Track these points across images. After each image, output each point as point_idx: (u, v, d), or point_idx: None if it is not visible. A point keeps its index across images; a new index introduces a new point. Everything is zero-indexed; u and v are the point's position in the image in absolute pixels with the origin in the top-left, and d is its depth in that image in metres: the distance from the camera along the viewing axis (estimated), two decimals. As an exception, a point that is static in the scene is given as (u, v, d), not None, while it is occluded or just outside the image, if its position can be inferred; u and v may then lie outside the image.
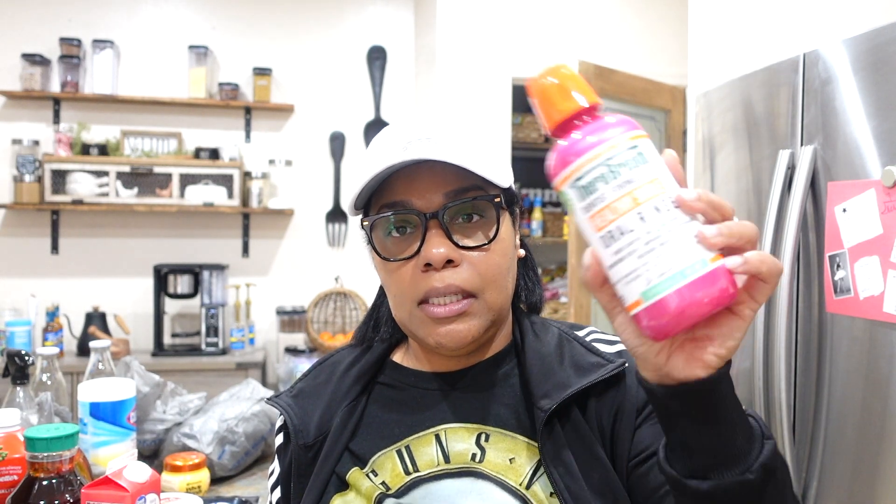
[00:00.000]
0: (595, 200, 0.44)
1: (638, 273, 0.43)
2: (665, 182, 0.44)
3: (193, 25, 3.42)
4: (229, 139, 3.40)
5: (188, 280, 3.17)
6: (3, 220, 3.24)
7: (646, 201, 0.43)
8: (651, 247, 0.42)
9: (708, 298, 0.42)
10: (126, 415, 1.18)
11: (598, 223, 0.44)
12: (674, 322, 0.42)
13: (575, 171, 0.45)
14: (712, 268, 0.43)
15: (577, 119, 0.47)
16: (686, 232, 0.43)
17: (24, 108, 3.25)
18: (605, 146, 0.44)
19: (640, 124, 0.47)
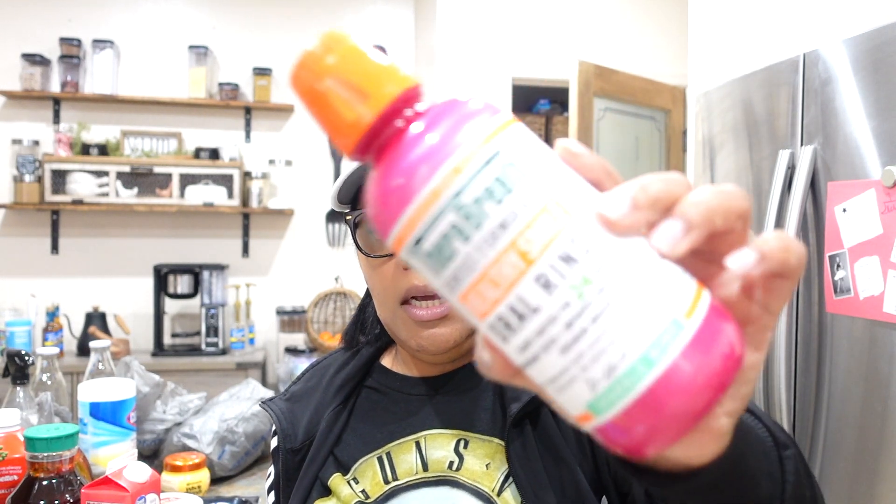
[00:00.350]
0: (458, 272, 0.27)
1: (572, 376, 0.26)
2: (568, 199, 0.27)
3: (193, 25, 3.42)
4: (229, 139, 3.40)
5: (188, 280, 3.17)
6: (4, 220, 3.24)
7: (545, 251, 0.26)
8: (579, 328, 0.26)
9: (705, 383, 0.26)
10: (126, 415, 1.18)
11: (478, 306, 0.27)
12: (656, 440, 0.27)
13: (407, 229, 0.27)
14: (696, 324, 0.26)
15: (385, 127, 0.28)
16: (630, 278, 0.26)
17: (25, 108, 3.25)
18: (445, 173, 0.26)
19: (497, 106, 0.29)
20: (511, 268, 0.26)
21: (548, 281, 0.26)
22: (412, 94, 0.29)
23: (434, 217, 0.27)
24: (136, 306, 3.32)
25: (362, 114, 0.28)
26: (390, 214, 0.28)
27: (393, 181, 0.28)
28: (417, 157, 0.27)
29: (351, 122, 0.28)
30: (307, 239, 3.53)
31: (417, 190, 0.27)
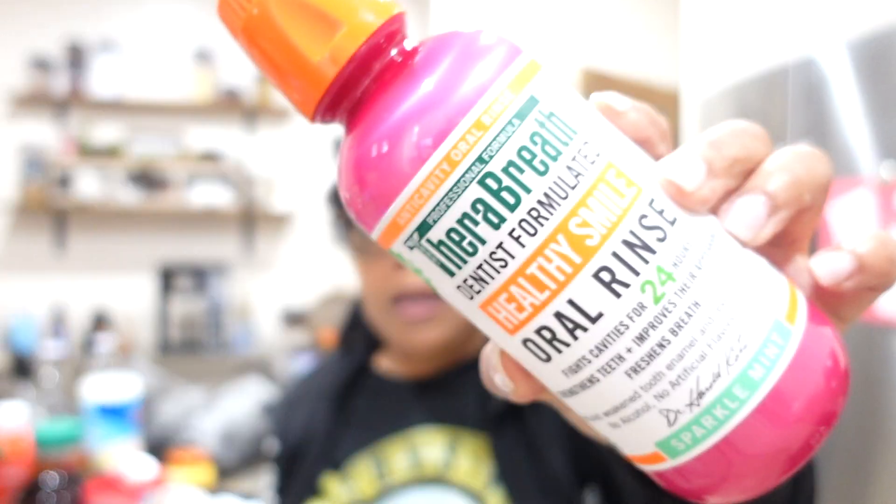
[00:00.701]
0: (481, 271, 0.20)
1: (641, 406, 0.20)
2: (628, 166, 0.20)
3: (197, 28, 3.44)
4: (233, 141, 3.42)
5: (192, 280, 3.19)
6: (10, 221, 3.26)
7: (609, 236, 0.19)
8: (656, 340, 0.19)
9: (817, 411, 0.20)
10: (131, 413, 1.20)
11: (508, 316, 0.20)
12: (747, 486, 0.21)
13: (405, 213, 0.20)
14: (800, 329, 0.20)
15: (363, 72, 0.21)
16: (718, 270, 0.20)
17: (31, 110, 3.27)
18: (463, 130, 0.19)
19: (517, 41, 0.22)
20: (561, 260, 0.19)
21: (614, 277, 0.19)
22: (396, 27, 0.21)
23: (449, 192, 0.19)
24: (141, 306, 3.34)
25: (331, 54, 0.20)
26: (380, 195, 0.20)
27: (381, 145, 0.20)
28: (418, 109, 0.20)
29: (311, 71, 0.20)
30: (310, 239, 3.55)
31: (421, 156, 0.19)
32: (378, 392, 0.73)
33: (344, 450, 0.69)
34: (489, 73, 0.20)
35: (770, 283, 0.21)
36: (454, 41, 0.21)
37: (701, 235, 0.20)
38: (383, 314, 0.67)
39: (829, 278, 0.21)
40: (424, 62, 0.21)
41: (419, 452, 0.66)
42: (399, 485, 0.65)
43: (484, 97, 0.19)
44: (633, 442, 0.21)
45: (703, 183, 0.20)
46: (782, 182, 0.21)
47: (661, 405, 0.20)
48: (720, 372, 0.19)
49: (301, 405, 0.76)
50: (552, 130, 0.19)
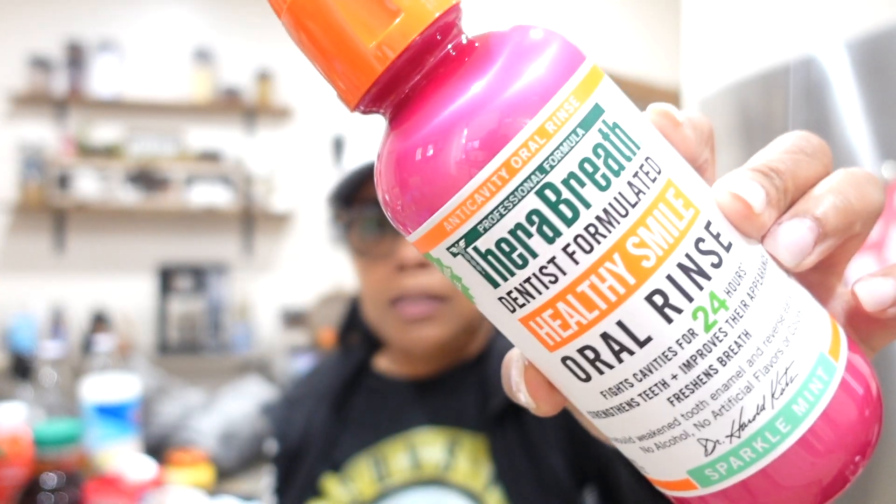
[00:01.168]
0: (529, 284, 0.19)
1: (679, 433, 0.19)
2: (687, 185, 0.20)
3: (197, 28, 3.44)
4: (232, 140, 3.42)
5: (191, 280, 3.19)
6: (9, 220, 3.26)
7: (665, 259, 0.19)
8: (703, 368, 0.19)
9: (855, 445, 0.20)
10: (130, 413, 1.20)
11: (551, 332, 0.19)
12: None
13: (453, 219, 0.19)
14: (843, 363, 0.20)
15: (417, 63, 0.20)
16: (769, 300, 0.19)
17: (30, 109, 3.27)
18: (525, 137, 0.18)
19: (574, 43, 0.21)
20: (615, 280, 0.18)
21: (667, 301, 0.18)
22: (452, 20, 0.20)
23: (504, 201, 0.18)
24: (140, 306, 3.34)
25: (385, 41, 0.19)
26: (425, 197, 0.19)
27: (432, 148, 0.18)
28: (476, 110, 0.18)
29: (361, 58, 0.19)
30: (309, 239, 3.55)
31: (481, 160, 0.18)
32: (377, 392, 0.73)
33: (343, 450, 0.69)
34: (555, 77, 0.19)
35: (815, 316, 0.20)
36: (515, 39, 0.20)
37: (754, 262, 0.19)
38: (382, 315, 0.67)
39: (873, 305, 0.21)
40: (483, 59, 0.19)
41: (419, 453, 0.66)
42: (399, 486, 0.65)
43: (550, 103, 0.18)
44: (663, 468, 0.20)
45: (765, 207, 0.20)
46: (833, 209, 0.20)
47: (701, 434, 0.19)
48: (765, 405, 0.19)
49: (300, 405, 0.75)
50: (616, 143, 0.19)
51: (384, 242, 0.65)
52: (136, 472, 0.87)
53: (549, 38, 0.20)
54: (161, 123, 3.37)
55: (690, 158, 0.22)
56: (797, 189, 0.21)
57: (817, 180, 0.22)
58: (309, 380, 0.80)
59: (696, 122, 0.22)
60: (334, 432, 0.70)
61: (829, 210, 0.20)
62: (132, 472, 0.87)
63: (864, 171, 0.22)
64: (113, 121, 3.32)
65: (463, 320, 0.66)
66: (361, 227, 0.66)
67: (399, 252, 0.63)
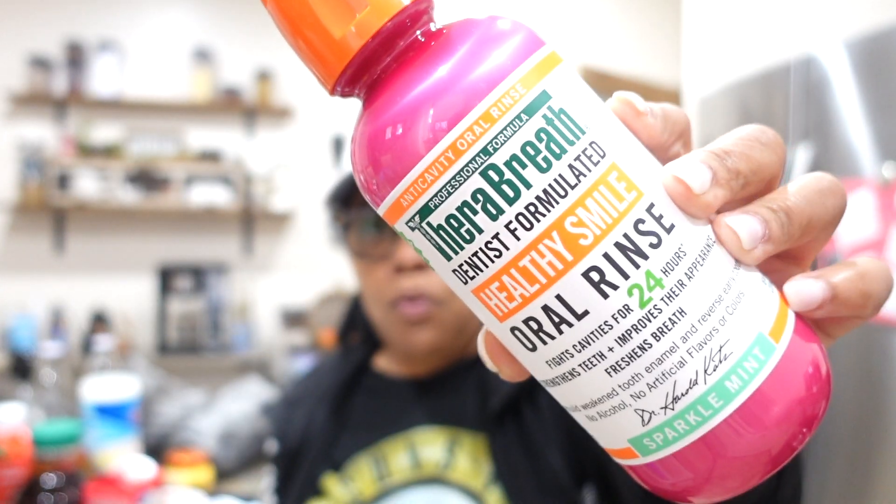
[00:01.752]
0: (476, 257, 0.20)
1: (617, 403, 0.21)
2: (633, 170, 0.20)
3: (196, 28, 3.44)
4: (232, 140, 3.42)
5: (191, 280, 3.19)
6: (9, 220, 3.26)
7: (602, 238, 0.20)
8: (638, 342, 0.20)
9: (791, 422, 0.20)
10: (130, 413, 1.20)
11: (499, 304, 0.21)
12: (714, 488, 0.21)
13: (410, 193, 0.20)
14: (784, 345, 0.21)
15: (385, 50, 0.21)
16: (707, 280, 0.20)
17: (30, 109, 3.27)
18: (472, 119, 0.19)
19: (539, 33, 0.22)
20: (553, 257, 0.19)
21: (603, 278, 0.19)
22: (423, 8, 0.21)
23: (451, 180, 0.20)
24: (140, 306, 3.34)
25: (355, 29, 0.20)
26: (389, 172, 0.20)
27: (394, 126, 0.20)
28: (430, 94, 0.20)
29: (337, 42, 0.20)
30: (309, 239, 3.55)
31: (430, 141, 0.19)
32: (377, 392, 0.73)
33: (344, 450, 0.69)
34: (504, 65, 0.20)
35: (759, 298, 0.21)
36: (477, 27, 0.21)
37: (696, 245, 0.20)
38: (384, 316, 0.67)
39: (799, 305, 0.22)
40: (444, 46, 0.21)
41: (419, 452, 0.66)
42: (399, 485, 0.65)
43: (495, 90, 0.20)
44: (607, 436, 0.22)
45: (708, 189, 0.20)
46: (790, 215, 0.21)
47: (637, 405, 0.20)
48: (697, 380, 0.20)
49: (300, 405, 0.75)
50: (559, 128, 0.20)
51: (382, 244, 0.65)
52: (135, 472, 0.87)
53: (509, 29, 0.21)
54: (161, 123, 3.37)
55: (655, 146, 0.22)
56: (752, 172, 0.22)
57: (771, 168, 0.23)
58: (309, 380, 0.80)
59: (668, 113, 0.23)
60: (334, 432, 0.71)
61: (780, 215, 0.21)
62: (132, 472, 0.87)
63: (830, 178, 0.23)
64: (113, 121, 3.32)
65: (458, 322, 0.67)
66: (360, 228, 0.66)
67: (397, 254, 0.64)
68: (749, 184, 0.22)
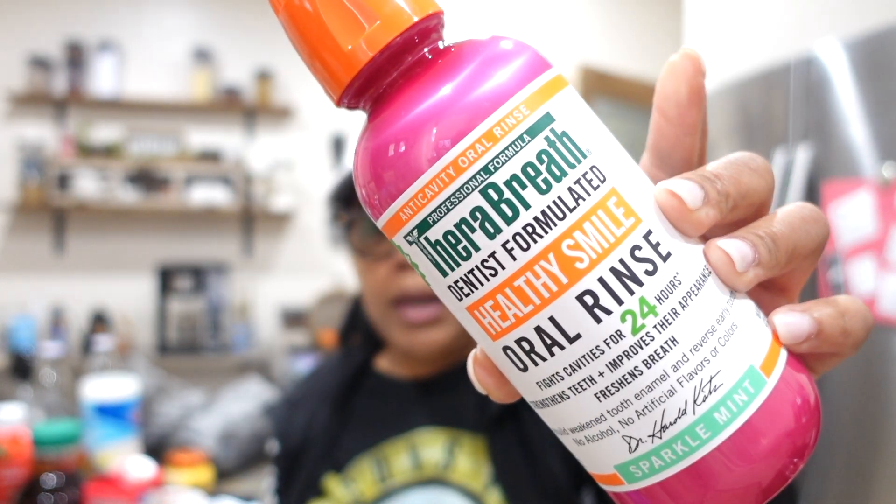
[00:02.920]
0: (472, 275, 0.20)
1: (605, 429, 0.21)
2: (631, 195, 0.21)
3: (196, 28, 3.44)
4: (232, 140, 3.42)
5: (191, 280, 3.19)
6: (9, 220, 3.26)
7: (598, 262, 0.20)
8: (628, 369, 0.20)
9: (778, 456, 0.20)
10: (130, 413, 1.20)
11: (492, 322, 0.21)
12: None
13: (409, 208, 0.20)
14: (776, 378, 0.21)
15: (392, 65, 0.21)
16: (700, 309, 0.20)
17: (30, 109, 3.27)
18: (474, 138, 0.20)
19: (546, 55, 0.22)
20: (549, 278, 0.19)
21: (597, 302, 0.19)
22: (432, 26, 0.22)
23: (451, 197, 0.20)
24: (140, 306, 3.34)
25: (364, 42, 0.20)
26: (390, 186, 0.20)
27: (397, 141, 0.20)
28: (435, 111, 0.20)
29: (346, 54, 0.20)
30: (309, 239, 3.55)
31: (432, 157, 0.20)
32: (379, 393, 0.73)
33: (345, 451, 0.69)
34: (509, 86, 0.20)
35: (752, 331, 0.21)
36: (484, 47, 0.21)
37: (691, 274, 0.20)
38: (384, 316, 0.67)
39: (788, 337, 0.22)
40: (451, 64, 0.21)
41: (420, 454, 0.66)
42: (400, 486, 0.65)
43: (499, 110, 0.20)
44: (594, 461, 0.22)
45: (700, 206, 0.21)
46: (770, 240, 0.22)
47: (625, 431, 0.20)
48: (686, 409, 0.20)
49: (302, 406, 0.75)
50: (561, 151, 0.20)
51: (384, 242, 0.65)
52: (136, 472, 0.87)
53: (515, 49, 0.21)
54: (161, 123, 3.37)
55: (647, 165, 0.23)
56: (740, 196, 0.22)
57: (760, 193, 0.23)
58: (310, 380, 0.80)
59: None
60: (336, 432, 0.70)
61: (767, 242, 0.22)
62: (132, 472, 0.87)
63: (812, 206, 0.24)
64: (113, 121, 3.32)
65: None
66: (361, 227, 0.66)
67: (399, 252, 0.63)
68: (737, 207, 0.22)
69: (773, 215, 0.23)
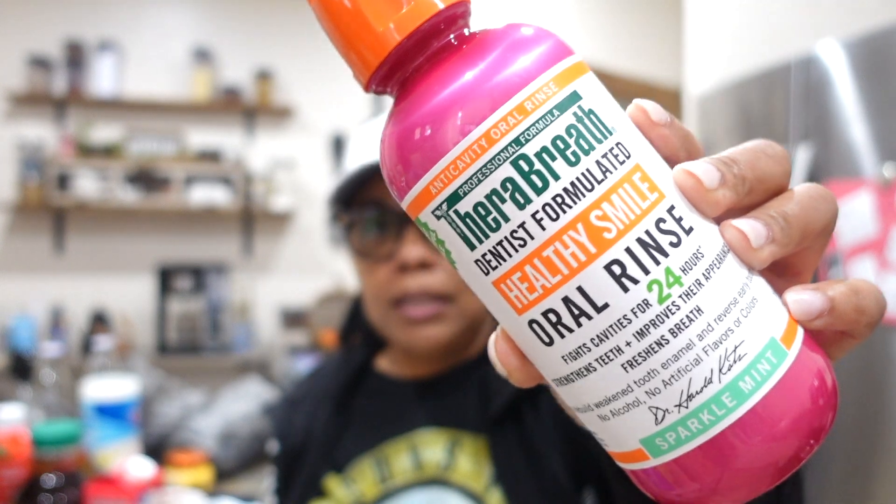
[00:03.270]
0: (501, 246, 0.21)
1: (632, 400, 0.21)
2: (654, 171, 0.21)
3: (196, 28, 3.44)
4: (231, 140, 3.42)
5: (191, 280, 3.19)
6: (9, 220, 3.26)
7: (625, 233, 0.20)
8: (655, 338, 0.20)
9: (801, 430, 0.21)
10: (130, 413, 1.20)
11: (519, 295, 0.21)
12: (722, 495, 0.21)
13: (439, 181, 0.21)
14: (795, 352, 0.21)
15: (421, 47, 0.22)
16: (723, 281, 0.21)
17: (29, 109, 3.27)
18: (505, 111, 0.20)
19: (563, 40, 0.23)
20: (577, 248, 0.20)
21: (624, 272, 0.20)
22: (459, 13, 0.23)
23: (483, 168, 0.20)
24: (140, 306, 3.34)
25: (393, 26, 0.21)
26: (419, 161, 0.21)
27: (429, 118, 0.21)
28: (467, 88, 0.21)
29: (376, 37, 0.21)
30: (309, 239, 3.55)
31: (462, 130, 0.20)
32: (379, 393, 0.73)
33: (346, 451, 0.69)
34: (538, 65, 0.21)
35: (771, 306, 0.22)
36: (510, 32, 0.22)
37: (712, 249, 0.21)
38: (386, 316, 0.67)
39: (800, 314, 0.22)
40: (479, 48, 0.22)
41: (420, 454, 0.66)
42: (401, 487, 0.65)
43: (530, 85, 0.21)
44: (619, 437, 0.22)
45: (717, 186, 0.22)
46: (789, 219, 0.23)
47: (652, 402, 0.21)
48: (712, 378, 0.20)
49: (302, 406, 0.75)
50: (588, 126, 0.21)
51: (385, 243, 0.65)
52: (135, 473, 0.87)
53: (540, 34, 0.22)
54: (161, 123, 3.37)
55: (667, 157, 0.23)
56: (757, 180, 0.23)
57: (776, 178, 0.24)
58: (310, 381, 0.79)
59: (676, 124, 0.24)
60: (336, 433, 0.70)
61: (781, 220, 0.22)
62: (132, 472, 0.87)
63: (820, 186, 0.24)
64: (112, 121, 3.32)
65: (468, 319, 0.66)
66: (362, 228, 0.66)
67: (400, 253, 0.63)
68: (753, 191, 0.23)
69: (784, 196, 0.24)
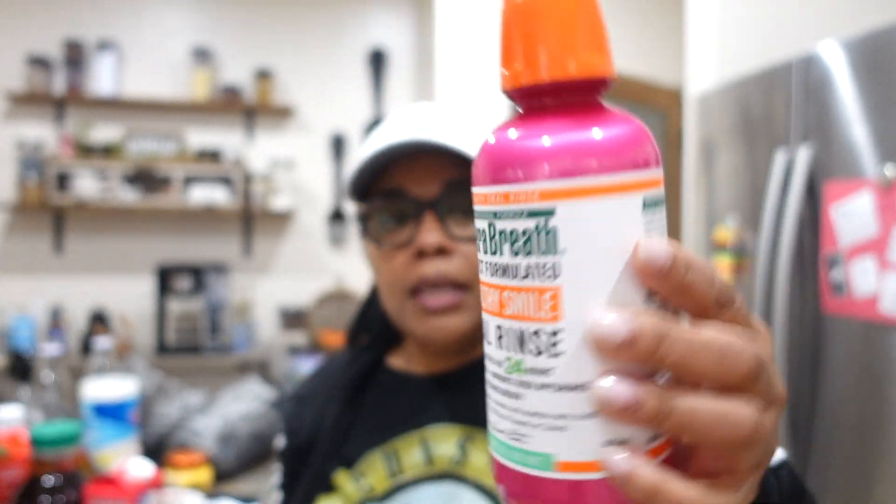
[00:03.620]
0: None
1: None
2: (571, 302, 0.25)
3: (196, 27, 3.43)
4: (231, 140, 3.42)
5: (191, 280, 3.19)
6: (8, 220, 3.26)
7: (514, 319, 0.26)
8: (504, 389, 0.27)
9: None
10: (129, 413, 1.19)
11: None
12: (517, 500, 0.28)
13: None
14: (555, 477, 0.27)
15: (564, 93, 0.26)
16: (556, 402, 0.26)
17: (29, 109, 3.27)
18: (501, 189, 0.26)
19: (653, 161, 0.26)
20: (496, 300, 0.27)
21: (500, 337, 0.27)
22: (605, 82, 0.27)
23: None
24: (139, 306, 3.34)
25: (570, 65, 0.25)
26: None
27: (507, 150, 0.26)
28: (527, 149, 0.26)
29: (549, 64, 0.25)
30: (309, 239, 3.55)
31: (496, 180, 0.26)
32: (390, 389, 0.73)
33: (356, 446, 0.69)
34: (548, 173, 0.25)
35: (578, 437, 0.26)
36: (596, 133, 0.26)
37: (569, 377, 0.26)
38: (402, 305, 0.66)
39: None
40: (596, 122, 0.26)
41: (431, 448, 0.66)
42: (411, 481, 0.65)
43: (523, 184, 0.25)
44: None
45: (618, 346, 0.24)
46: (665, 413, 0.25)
47: (495, 415, 0.29)
48: (518, 438, 0.27)
49: (311, 401, 0.75)
50: (540, 237, 0.25)
51: (403, 231, 0.65)
52: (135, 473, 0.87)
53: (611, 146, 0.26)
54: (160, 123, 3.37)
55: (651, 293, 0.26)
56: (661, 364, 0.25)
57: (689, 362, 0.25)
58: (319, 376, 0.79)
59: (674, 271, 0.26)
60: (346, 428, 0.70)
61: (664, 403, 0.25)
62: (131, 472, 0.87)
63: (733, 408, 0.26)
64: (112, 120, 3.32)
65: None
66: (379, 217, 0.66)
67: (418, 238, 0.63)
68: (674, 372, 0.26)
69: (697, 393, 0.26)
